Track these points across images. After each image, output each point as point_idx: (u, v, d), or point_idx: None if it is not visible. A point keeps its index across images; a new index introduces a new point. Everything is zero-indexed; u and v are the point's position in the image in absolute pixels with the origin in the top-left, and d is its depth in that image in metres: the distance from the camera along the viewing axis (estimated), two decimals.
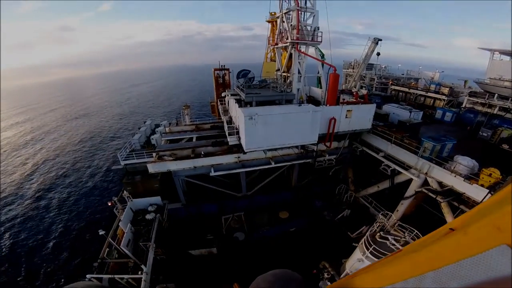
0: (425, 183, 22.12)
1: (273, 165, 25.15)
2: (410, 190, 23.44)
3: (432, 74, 65.45)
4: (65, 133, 76.60)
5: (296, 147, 24.24)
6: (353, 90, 43.26)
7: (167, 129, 34.85)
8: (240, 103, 23.18)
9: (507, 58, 52.10)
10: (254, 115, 18.43)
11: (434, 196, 21.16)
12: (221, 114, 28.65)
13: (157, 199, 24.63)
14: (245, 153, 21.68)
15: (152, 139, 36.44)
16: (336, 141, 26.39)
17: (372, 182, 28.97)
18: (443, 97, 44.37)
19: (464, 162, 19.49)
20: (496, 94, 38.24)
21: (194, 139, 30.12)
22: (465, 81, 65.81)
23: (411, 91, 49.67)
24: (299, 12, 24.19)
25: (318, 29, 25.68)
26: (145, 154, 32.86)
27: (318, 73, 28.20)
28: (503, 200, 2.06)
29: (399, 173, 24.00)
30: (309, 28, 25.70)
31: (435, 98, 46.18)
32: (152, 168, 23.30)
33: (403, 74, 63.27)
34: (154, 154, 24.50)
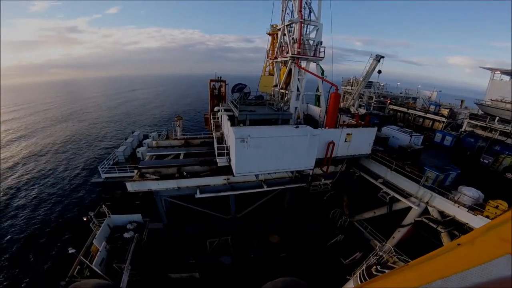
0: (425, 211, 21.15)
1: (265, 188, 23.45)
2: (409, 218, 22.41)
3: (429, 93, 65.14)
4: (46, 137, 72.77)
5: (291, 171, 22.61)
6: (351, 109, 42.15)
7: (154, 142, 32.67)
8: (233, 120, 21.51)
9: (507, 78, 51.83)
10: (246, 137, 16.79)
11: (434, 226, 20.16)
12: (212, 129, 26.90)
13: (137, 217, 23.08)
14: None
15: (138, 152, 34.92)
16: (333, 165, 24.89)
17: (370, 207, 27.51)
18: (443, 119, 43.50)
19: (470, 193, 18.68)
20: (497, 117, 37.21)
21: (181, 156, 28.14)
22: (462, 101, 65.48)
23: (410, 111, 48.74)
24: (302, 25, 22.86)
25: (321, 43, 24.31)
26: (129, 168, 30.81)
27: (318, 91, 26.78)
28: (508, 216, 2.23)
29: (398, 200, 22.91)
30: (311, 42, 24.35)
31: (434, 120, 45.18)
32: (131, 187, 21.39)
33: (401, 93, 62.74)
34: (135, 171, 22.92)
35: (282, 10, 25.34)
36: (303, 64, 24.72)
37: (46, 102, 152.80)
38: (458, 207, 18.53)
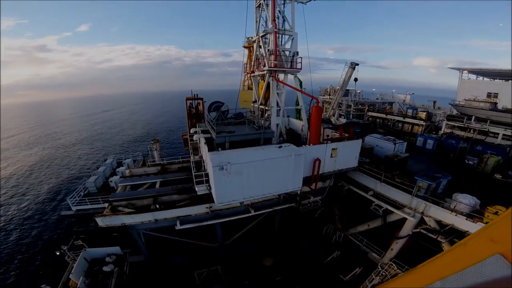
0: (421, 221, 20.61)
1: (252, 213, 21.64)
2: (405, 230, 21.72)
3: (403, 96, 66.52)
4: (10, 166, 67.15)
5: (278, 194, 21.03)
6: (332, 119, 41.46)
7: (127, 171, 30.36)
8: (211, 143, 19.65)
9: (474, 77, 53.78)
10: (225, 165, 15.04)
11: (434, 237, 19.53)
12: (190, 153, 24.85)
13: (116, 249, 21.91)
14: None
15: (111, 181, 32.41)
16: (320, 181, 23.56)
17: (363, 220, 26.51)
18: (421, 122, 43.71)
19: (466, 201, 18.42)
20: (473, 117, 37.76)
21: (157, 185, 25.91)
22: (434, 102, 67.39)
23: (389, 117, 48.88)
24: (277, 35, 21.60)
25: (298, 54, 23.04)
26: (101, 199, 28.35)
27: (298, 104, 25.53)
28: (497, 218, 2.37)
29: (392, 212, 22.08)
30: (287, 53, 23.05)
31: (413, 124, 45.43)
32: (102, 222, 19.68)
33: (377, 99, 63.54)
34: (107, 205, 21.29)
35: (256, 21, 24.15)
36: (281, 77, 23.54)
37: (12, 127, 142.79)
38: (456, 215, 17.97)
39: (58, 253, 21.53)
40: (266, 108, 23.51)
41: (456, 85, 58.24)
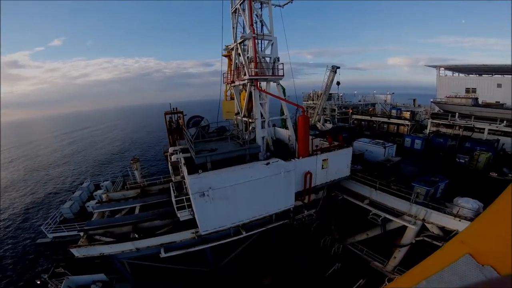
0: (423, 228, 19.65)
1: (244, 234, 19.65)
2: (407, 237, 20.56)
3: (384, 97, 66.79)
4: None
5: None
6: (317, 125, 40.42)
7: (104, 196, 27.73)
8: (192, 163, 17.66)
9: (450, 73, 54.49)
10: (207, 190, 13.18)
11: (440, 244, 18.26)
12: (171, 173, 22.66)
13: (101, 276, 20.73)
14: None
15: (88, 206, 31.17)
16: (313, 193, 22.06)
17: (361, 229, 25.23)
18: (406, 122, 43.40)
19: (468, 205, 17.65)
20: (457, 113, 37.66)
21: (137, 210, 23.44)
22: (414, 100, 68.08)
23: (373, 119, 48.42)
24: (256, 40, 20.09)
25: (278, 60, 21.54)
26: (78, 226, 26.89)
27: (283, 113, 23.97)
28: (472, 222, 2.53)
29: (391, 220, 21.00)
30: (268, 59, 21.56)
31: (398, 124, 45.07)
32: (78, 253, 18.03)
33: (360, 101, 63.43)
34: (82, 234, 19.58)
35: (233, 27, 22.69)
36: (263, 85, 22.08)
37: None
38: (460, 220, 17.14)
39: (38, 282, 20.67)
40: (250, 120, 21.69)
41: (429, 82, 58.88)
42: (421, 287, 2.69)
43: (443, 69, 53.18)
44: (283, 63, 21.29)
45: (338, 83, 40.99)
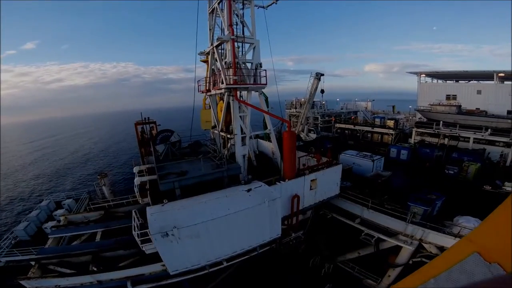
0: (420, 247, 18.46)
1: (224, 264, 16.92)
2: (402, 258, 19.30)
3: (365, 104, 66.58)
4: None
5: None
6: (301, 135, 38.47)
7: (62, 218, 24.40)
8: (157, 189, 14.67)
9: (429, 79, 54.69)
10: (171, 230, 10.43)
11: None
12: (137, 195, 19.47)
13: None
14: None
15: (46, 228, 26.77)
16: (300, 214, 19.78)
17: (352, 247, 23.64)
18: (391, 131, 42.42)
19: (470, 225, 16.55)
20: (441, 122, 36.97)
21: (98, 236, 20.44)
22: (393, 107, 68.46)
23: (357, 127, 47.20)
24: (235, 43, 17.56)
25: (261, 66, 18.93)
26: (34, 250, 22.58)
27: (265, 127, 21.50)
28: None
29: (385, 239, 19.53)
30: (249, 65, 19.06)
31: (382, 133, 44.04)
32: (28, 285, 16.11)
33: (342, 109, 62.66)
34: (33, 263, 17.52)
35: (210, 29, 20.12)
36: (244, 95, 19.63)
37: None
38: None
39: None
40: (229, 136, 18.87)
41: (404, 87, 58.96)
42: (429, 286, 2.74)
43: (424, 75, 53.18)
44: (266, 70, 18.81)
45: (322, 91, 39.41)
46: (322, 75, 36.82)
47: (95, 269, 17.00)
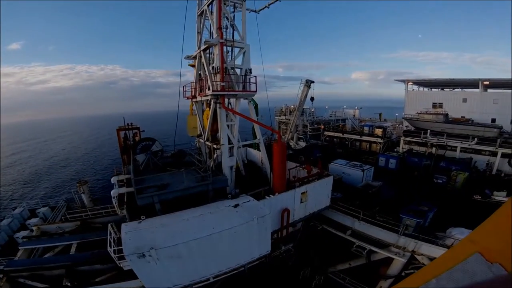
0: (412, 258, 18.01)
1: (211, 280, 15.83)
2: (394, 269, 18.85)
3: (353, 111, 66.93)
4: None
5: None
6: (290, 143, 37.82)
7: (35, 228, 22.91)
8: (135, 203, 13.39)
9: (416, 87, 55.43)
10: (148, 251, 9.34)
11: None
12: (115, 207, 18.10)
13: None
14: None
15: (18, 238, 25.38)
16: (290, 227, 18.97)
17: (343, 259, 23.00)
18: (379, 139, 42.35)
19: (463, 237, 14.62)
20: (429, 130, 37.11)
21: (73, 248, 19.06)
22: (380, 114, 69.14)
23: (346, 136, 46.97)
24: (224, 47, 16.56)
25: (251, 71, 17.93)
26: (3, 261, 21.19)
27: (255, 136, 20.51)
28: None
29: (376, 251, 19.15)
30: (238, 71, 18.10)
31: (371, 142, 43.95)
32: None
33: (331, 116, 62.67)
34: (1, 276, 16.42)
35: (198, 32, 19.16)
36: (232, 102, 18.73)
37: None
38: None
39: None
40: (215, 146, 17.77)
41: (389, 95, 59.69)
42: (430, 287, 2.72)
43: (411, 83, 53.77)
44: (256, 76, 17.82)
45: (312, 98, 39.04)
46: (313, 82, 36.41)
47: (68, 284, 15.86)
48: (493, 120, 39.82)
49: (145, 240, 10.03)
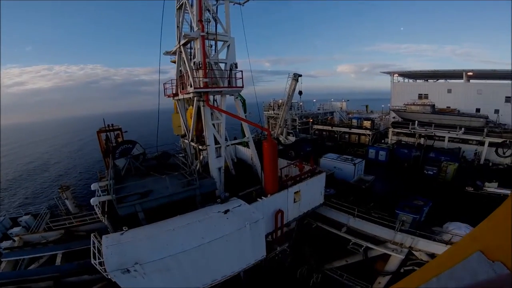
0: (409, 254, 17.81)
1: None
2: (391, 265, 18.56)
3: (340, 104, 66.93)
4: None
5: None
6: (280, 138, 37.10)
7: (17, 239, 21.66)
8: (115, 211, 12.29)
9: (401, 79, 55.77)
10: (132, 267, 8.39)
11: None
12: (98, 214, 16.86)
13: None
14: None
15: (0, 248, 23.19)
16: (284, 227, 18.28)
17: (340, 255, 22.59)
18: (368, 131, 42.23)
19: (461, 232, 16.24)
20: (416, 121, 37.22)
21: (58, 259, 18.34)
22: (366, 106, 69.54)
23: (334, 129, 46.68)
24: (206, 40, 15.44)
25: (236, 66, 16.88)
26: None
27: (243, 134, 19.53)
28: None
29: (373, 248, 18.93)
30: (222, 66, 16.97)
31: (359, 134, 43.81)
32: None
33: (319, 109, 62.41)
34: None
35: (178, 26, 17.86)
36: (218, 99, 17.71)
37: None
38: None
39: None
40: (201, 147, 16.68)
41: (373, 87, 59.85)
42: (431, 286, 2.68)
43: (397, 75, 53.94)
44: (242, 71, 16.77)
45: (300, 92, 38.44)
46: (300, 76, 35.72)
47: None
48: (478, 110, 40.27)
49: (129, 254, 9.04)
